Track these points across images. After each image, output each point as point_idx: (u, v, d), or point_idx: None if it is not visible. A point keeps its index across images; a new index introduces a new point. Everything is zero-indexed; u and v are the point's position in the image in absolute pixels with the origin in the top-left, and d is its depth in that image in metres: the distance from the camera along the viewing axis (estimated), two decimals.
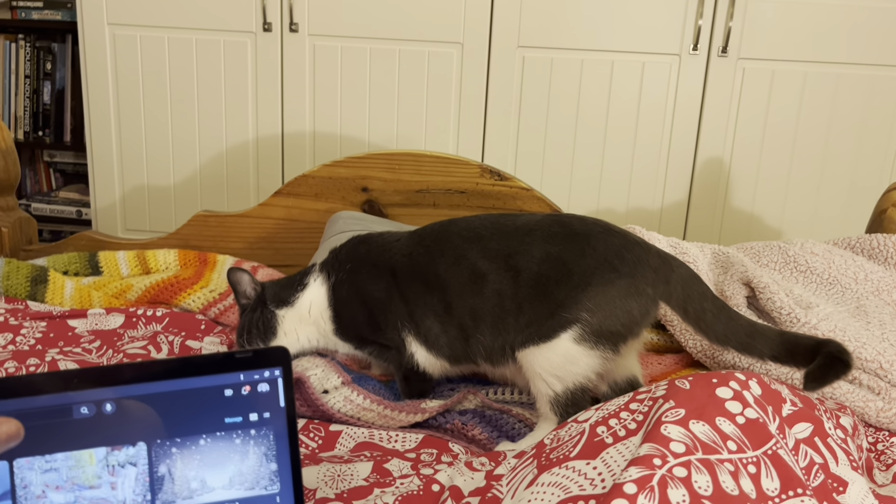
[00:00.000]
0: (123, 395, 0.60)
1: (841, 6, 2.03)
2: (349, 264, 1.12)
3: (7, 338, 1.25)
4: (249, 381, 0.62)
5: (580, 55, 2.13)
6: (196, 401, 0.61)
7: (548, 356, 0.99)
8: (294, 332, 1.14)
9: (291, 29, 2.17)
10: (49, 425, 0.58)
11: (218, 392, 0.62)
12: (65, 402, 0.58)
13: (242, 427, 0.62)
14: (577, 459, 0.75)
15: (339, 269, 1.12)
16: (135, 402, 0.60)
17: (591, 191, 2.22)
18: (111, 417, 0.59)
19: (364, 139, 2.23)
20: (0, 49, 2.64)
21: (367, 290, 1.09)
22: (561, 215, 1.07)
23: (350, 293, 1.11)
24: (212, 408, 0.61)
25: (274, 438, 0.63)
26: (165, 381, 0.61)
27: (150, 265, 1.51)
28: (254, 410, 0.62)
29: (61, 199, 2.71)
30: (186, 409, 0.61)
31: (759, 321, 1.23)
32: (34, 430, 0.57)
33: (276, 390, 0.63)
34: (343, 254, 1.13)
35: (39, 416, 0.58)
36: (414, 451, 0.99)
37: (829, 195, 2.16)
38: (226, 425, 0.62)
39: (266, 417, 0.63)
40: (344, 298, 1.11)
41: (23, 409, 0.57)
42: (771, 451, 0.70)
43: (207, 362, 0.62)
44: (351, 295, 1.11)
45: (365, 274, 1.10)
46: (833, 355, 0.93)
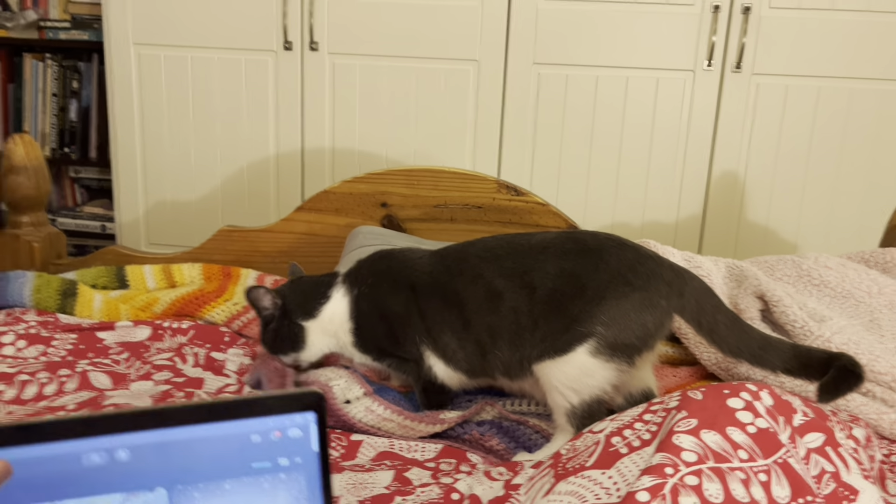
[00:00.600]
0: (141, 442, 0.54)
1: (854, 22, 2.05)
2: (371, 278, 1.15)
3: (39, 349, 1.29)
4: (279, 426, 0.57)
5: (595, 72, 2.16)
6: (221, 447, 0.56)
7: (564, 369, 1.02)
8: (318, 342, 1.17)
9: (311, 48, 2.22)
10: (60, 471, 0.53)
11: (244, 438, 0.56)
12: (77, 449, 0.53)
13: (271, 471, 0.57)
14: (593, 469, 0.77)
15: (361, 283, 1.15)
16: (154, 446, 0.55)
17: (607, 205, 2.24)
18: (127, 463, 0.55)
19: (382, 155, 2.27)
20: (28, 68, 2.71)
21: (387, 304, 1.13)
22: (574, 232, 1.10)
23: (371, 307, 1.14)
24: (238, 453, 0.56)
25: (306, 482, 0.58)
26: (187, 427, 0.55)
27: (176, 279, 1.55)
28: (284, 455, 0.57)
29: (86, 213, 2.77)
30: (210, 454, 0.56)
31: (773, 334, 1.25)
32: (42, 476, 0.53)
33: (308, 435, 0.58)
34: (366, 268, 1.17)
35: (48, 462, 0.53)
36: (433, 461, 1.01)
37: (844, 209, 2.17)
38: (253, 470, 0.57)
39: (297, 462, 0.58)
40: (365, 311, 1.14)
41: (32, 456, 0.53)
42: (781, 459, 0.73)
43: (234, 407, 0.57)
44: (372, 308, 1.14)
45: (386, 288, 1.13)
46: (846, 368, 0.94)
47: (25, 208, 1.56)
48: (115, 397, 1.15)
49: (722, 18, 2.08)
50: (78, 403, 1.13)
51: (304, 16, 2.20)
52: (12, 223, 1.58)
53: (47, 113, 2.73)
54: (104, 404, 1.11)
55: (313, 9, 2.19)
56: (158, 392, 1.18)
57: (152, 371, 1.25)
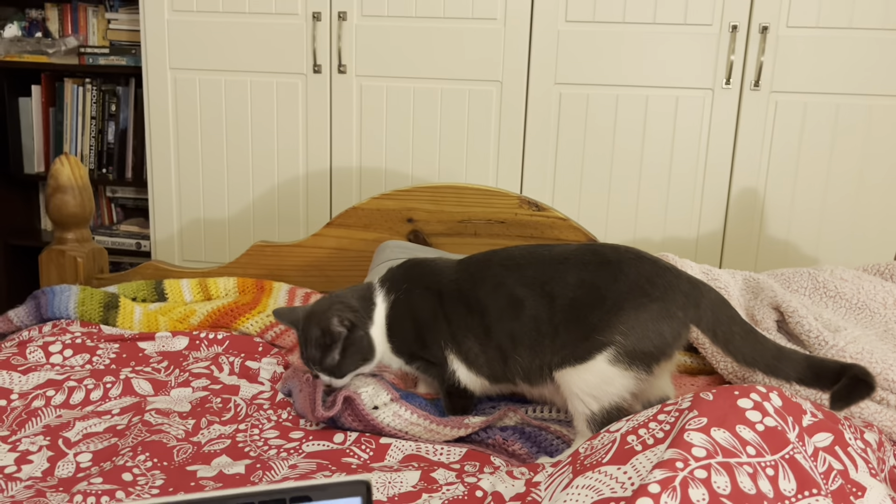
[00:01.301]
0: None
1: (871, 39, 2.09)
2: (405, 284, 1.20)
3: (85, 357, 1.36)
4: None
5: (615, 91, 2.21)
6: None
7: (584, 377, 1.06)
8: (379, 348, 1.20)
9: (340, 70, 2.30)
10: None
11: None
12: None
13: None
14: (609, 465, 0.81)
15: (398, 289, 1.20)
16: None
17: (628, 221, 2.28)
18: None
19: (408, 173, 2.34)
20: (69, 92, 2.83)
21: (416, 309, 1.18)
22: (594, 244, 1.14)
23: (403, 311, 1.19)
24: None
25: None
26: None
27: (212, 292, 1.62)
28: None
29: (122, 231, 2.87)
30: None
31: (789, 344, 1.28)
32: None
33: None
34: (400, 274, 1.22)
35: None
36: (458, 463, 1.06)
37: (865, 224, 2.19)
38: None
39: None
40: (398, 316, 1.19)
41: None
42: (788, 455, 0.76)
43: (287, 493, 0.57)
44: (404, 313, 1.19)
45: (417, 294, 1.18)
46: (858, 377, 0.97)
47: (71, 225, 1.64)
48: (156, 402, 1.21)
49: (740, 38, 2.12)
50: (122, 408, 1.20)
51: (332, 40, 2.28)
52: (58, 239, 1.66)
53: (86, 135, 2.84)
54: (147, 409, 1.18)
55: (341, 33, 2.27)
56: (197, 398, 1.24)
57: (191, 378, 1.31)
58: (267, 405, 1.24)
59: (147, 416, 1.15)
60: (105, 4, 2.77)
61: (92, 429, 1.13)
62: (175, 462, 1.03)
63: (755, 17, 2.11)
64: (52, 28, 2.83)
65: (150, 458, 1.03)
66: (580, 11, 2.18)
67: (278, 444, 1.09)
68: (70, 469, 1.03)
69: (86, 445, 1.08)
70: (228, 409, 1.20)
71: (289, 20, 2.29)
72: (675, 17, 2.15)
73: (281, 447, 1.09)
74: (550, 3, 2.18)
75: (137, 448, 1.05)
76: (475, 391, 1.19)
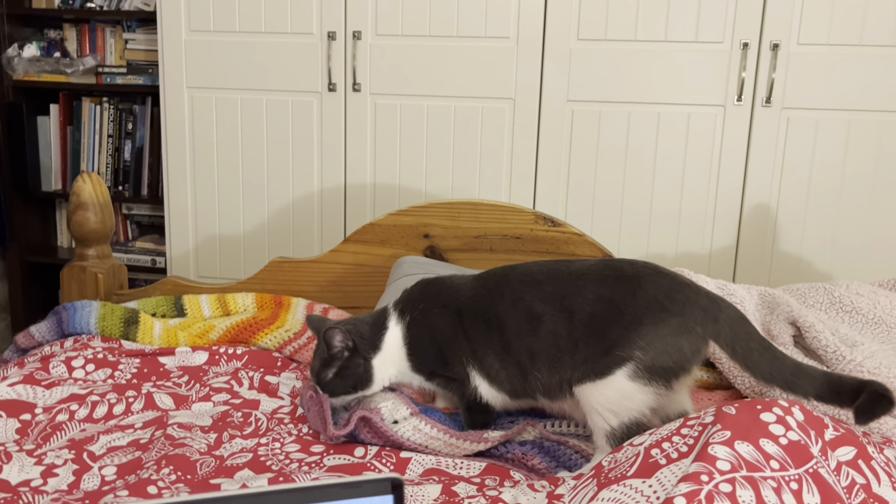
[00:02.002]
0: None
1: (882, 56, 2.10)
2: (422, 304, 1.21)
3: (107, 372, 1.37)
4: None
5: (627, 108, 2.23)
6: None
7: (604, 392, 1.06)
8: (382, 375, 1.21)
9: (354, 89, 2.33)
10: None
11: None
12: None
13: None
14: (634, 478, 0.82)
15: (413, 309, 1.21)
16: None
17: (641, 236, 2.29)
18: None
19: (422, 189, 2.36)
20: (86, 111, 2.87)
21: (436, 327, 1.19)
22: (612, 260, 1.15)
23: (422, 330, 1.20)
24: None
25: None
26: None
27: (230, 307, 1.63)
28: None
29: (138, 248, 2.89)
30: None
31: (806, 359, 1.28)
32: None
33: None
34: (415, 294, 1.23)
35: None
36: (479, 477, 1.07)
37: (878, 239, 2.19)
38: None
39: None
40: (417, 335, 1.20)
41: None
42: (812, 469, 0.77)
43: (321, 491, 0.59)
44: (423, 332, 1.20)
45: (435, 313, 1.19)
46: (878, 392, 0.98)
47: (92, 242, 1.66)
48: (178, 416, 1.23)
49: (751, 55, 2.14)
50: (144, 422, 1.21)
51: (347, 59, 2.31)
52: (79, 255, 1.68)
53: (103, 153, 2.87)
54: (169, 423, 1.19)
55: (356, 52, 2.30)
56: (218, 413, 1.25)
57: (211, 393, 1.32)
58: (287, 419, 1.25)
59: (169, 429, 1.16)
60: (123, 25, 2.82)
61: (116, 442, 1.14)
62: (199, 475, 1.04)
63: (766, 35, 2.13)
64: (70, 48, 2.88)
65: (174, 472, 1.04)
66: (592, 30, 2.21)
67: (300, 458, 1.10)
68: (95, 482, 1.04)
69: (110, 459, 1.09)
70: (249, 424, 1.22)
71: (304, 39, 2.33)
72: (686, 35, 2.17)
73: (302, 461, 1.09)
74: (562, 21, 2.21)
75: (161, 461, 1.06)
76: (496, 406, 1.19)
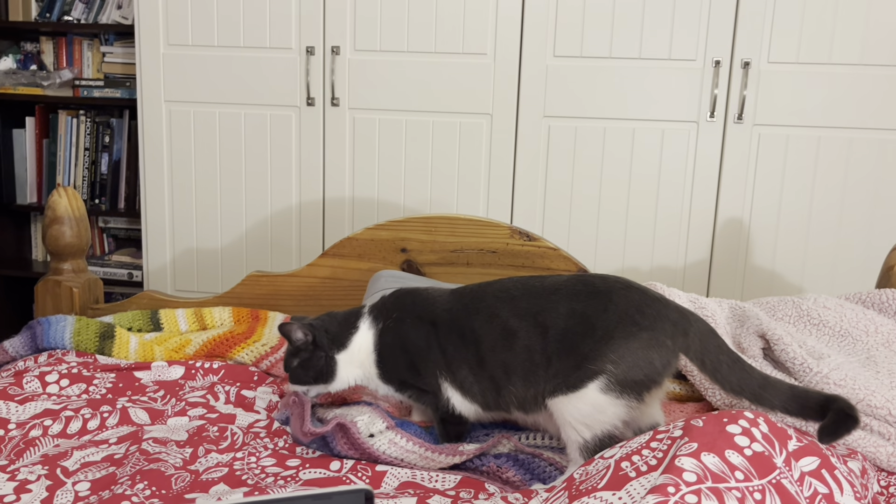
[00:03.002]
0: None
1: (850, 75, 2.15)
2: (395, 313, 1.22)
3: (81, 387, 1.37)
4: None
5: (603, 123, 2.27)
6: None
7: (576, 405, 1.08)
8: (346, 373, 1.23)
9: (333, 103, 2.34)
10: None
11: None
12: None
13: None
14: (605, 490, 0.83)
15: (387, 317, 1.23)
16: None
17: (616, 250, 2.32)
18: None
19: (400, 203, 2.37)
20: (63, 124, 2.86)
21: (409, 338, 1.20)
22: (584, 275, 1.17)
23: (394, 340, 1.21)
24: None
25: None
26: None
27: (207, 321, 1.63)
28: None
29: (114, 262, 2.88)
30: None
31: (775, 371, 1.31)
32: None
33: None
34: (390, 303, 1.24)
35: None
36: (454, 490, 1.08)
37: (847, 252, 2.24)
38: None
39: None
40: (389, 344, 1.22)
41: None
42: (775, 480, 0.79)
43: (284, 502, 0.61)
44: (395, 341, 1.21)
45: (409, 323, 1.21)
46: (843, 411, 1.00)
47: (67, 256, 1.66)
48: (153, 431, 1.23)
49: (723, 72, 2.19)
50: (119, 437, 1.21)
51: (325, 74, 2.33)
52: (54, 269, 1.67)
53: (79, 166, 2.86)
54: (144, 438, 1.19)
55: (335, 67, 2.32)
56: (194, 427, 1.25)
57: (187, 407, 1.32)
58: (263, 433, 1.25)
59: (144, 444, 1.16)
60: (100, 38, 2.81)
61: (90, 458, 1.14)
62: (174, 490, 1.04)
63: (737, 53, 2.18)
64: (46, 61, 2.87)
65: (148, 487, 1.04)
66: (568, 47, 2.24)
67: (275, 472, 1.11)
68: (69, 498, 1.03)
69: (84, 474, 1.09)
70: (225, 438, 1.22)
71: (283, 54, 2.34)
72: (660, 53, 2.21)
73: (278, 475, 1.10)
74: (539, 38, 2.24)
75: (136, 476, 1.06)
76: (470, 417, 1.21)
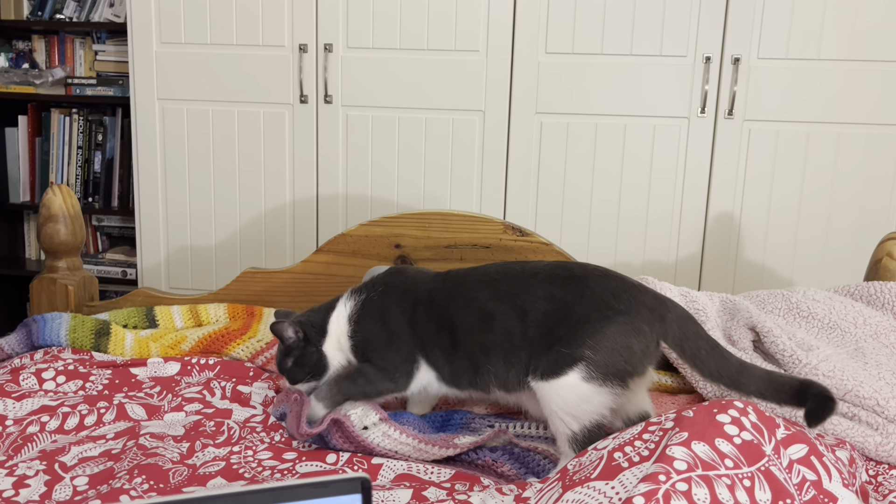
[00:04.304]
0: None
1: (839, 70, 2.17)
2: (382, 287, 1.25)
3: (78, 384, 1.37)
4: None
5: (594, 120, 2.28)
6: None
7: (560, 394, 1.09)
8: (335, 360, 1.26)
9: (326, 101, 2.35)
10: None
11: None
12: None
13: None
14: (597, 480, 0.85)
15: (372, 290, 1.25)
16: None
17: (608, 245, 2.34)
18: None
19: (393, 200, 2.38)
20: (55, 123, 2.86)
21: (390, 311, 1.22)
22: (564, 262, 1.19)
23: (375, 310, 1.23)
24: None
25: None
26: None
27: (202, 318, 1.64)
28: None
29: (108, 260, 2.88)
30: None
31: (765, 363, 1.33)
32: None
33: None
34: (380, 278, 1.27)
35: None
36: (449, 482, 1.09)
37: (836, 245, 2.26)
38: None
39: None
40: (367, 314, 1.23)
41: None
42: (764, 467, 0.81)
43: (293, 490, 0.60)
44: (374, 312, 1.23)
45: (394, 297, 1.23)
46: (822, 395, 1.03)
47: (62, 254, 1.66)
48: (150, 427, 1.23)
49: (713, 69, 2.20)
50: (116, 433, 1.22)
51: (318, 71, 2.34)
52: (49, 268, 1.68)
53: (72, 164, 2.86)
54: (141, 433, 1.20)
55: (328, 64, 2.32)
56: (190, 422, 1.26)
57: (184, 403, 1.33)
58: (260, 428, 1.26)
59: (142, 439, 1.17)
60: (93, 36, 2.81)
61: (87, 453, 1.15)
62: (171, 484, 1.05)
63: (727, 49, 2.19)
64: (39, 59, 2.87)
65: (146, 481, 1.05)
66: (560, 44, 2.26)
67: (272, 465, 1.12)
68: (67, 492, 1.04)
69: (82, 469, 1.10)
70: (222, 433, 1.23)
71: (276, 52, 2.34)
72: (651, 49, 2.22)
73: (275, 468, 1.11)
74: (531, 35, 2.25)
75: (133, 471, 1.07)
76: (439, 395, 1.25)
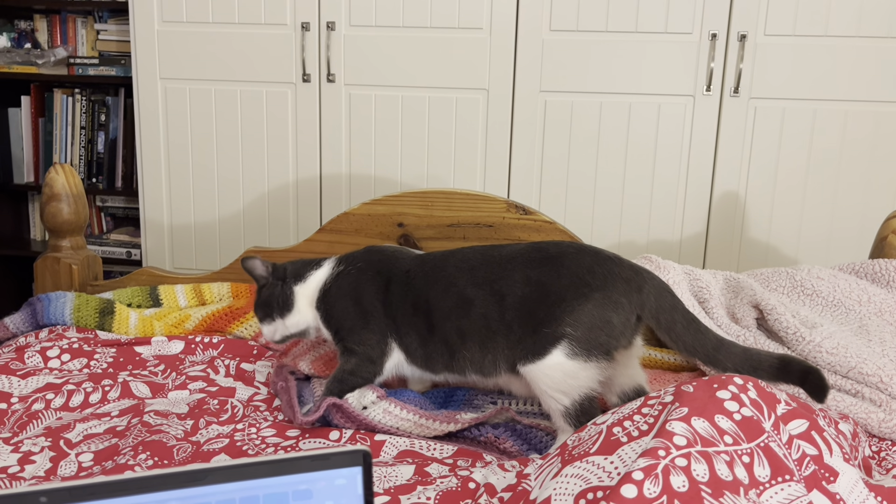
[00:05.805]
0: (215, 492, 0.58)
1: (846, 47, 2.15)
2: (360, 263, 1.25)
3: (82, 362, 1.38)
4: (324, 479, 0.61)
5: (599, 98, 2.26)
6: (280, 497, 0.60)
7: (546, 373, 1.09)
8: (304, 309, 1.26)
9: (329, 80, 2.34)
10: None
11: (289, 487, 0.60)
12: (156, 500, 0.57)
13: None
14: (596, 455, 0.85)
15: (350, 264, 1.25)
16: None
17: (613, 224, 2.33)
18: None
19: (396, 179, 2.37)
20: (58, 103, 2.85)
21: (363, 288, 1.22)
22: (540, 242, 1.19)
23: (347, 286, 1.23)
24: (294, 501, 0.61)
25: None
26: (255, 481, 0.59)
27: (206, 297, 1.64)
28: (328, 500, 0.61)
29: (112, 241, 2.88)
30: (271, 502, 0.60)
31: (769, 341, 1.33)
32: None
33: (353, 483, 0.62)
34: (359, 255, 1.27)
35: None
36: (451, 458, 1.10)
37: (842, 224, 2.25)
38: None
39: None
40: (342, 287, 1.24)
41: None
42: (763, 443, 0.81)
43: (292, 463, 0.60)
44: (348, 287, 1.23)
45: (368, 275, 1.23)
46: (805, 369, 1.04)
47: (65, 233, 1.67)
48: (154, 404, 1.24)
49: (719, 46, 2.18)
50: (121, 410, 1.22)
51: (321, 50, 2.32)
52: (53, 247, 1.68)
53: (76, 145, 2.86)
54: (145, 410, 1.21)
55: (330, 43, 2.31)
56: (194, 400, 1.27)
57: (188, 381, 1.34)
58: (263, 406, 1.27)
59: (146, 417, 1.18)
60: (94, 15, 2.80)
61: (92, 430, 1.15)
62: (175, 460, 1.06)
63: (734, 26, 2.17)
64: (41, 39, 2.85)
65: (150, 457, 1.06)
66: (564, 21, 2.23)
67: (276, 443, 1.13)
68: (72, 468, 1.05)
69: (87, 446, 1.11)
70: (226, 410, 1.23)
71: (278, 30, 2.33)
72: (656, 26, 2.20)
73: (278, 445, 1.12)
74: (535, 12, 2.23)
75: (138, 448, 1.07)
76: (411, 378, 1.26)
